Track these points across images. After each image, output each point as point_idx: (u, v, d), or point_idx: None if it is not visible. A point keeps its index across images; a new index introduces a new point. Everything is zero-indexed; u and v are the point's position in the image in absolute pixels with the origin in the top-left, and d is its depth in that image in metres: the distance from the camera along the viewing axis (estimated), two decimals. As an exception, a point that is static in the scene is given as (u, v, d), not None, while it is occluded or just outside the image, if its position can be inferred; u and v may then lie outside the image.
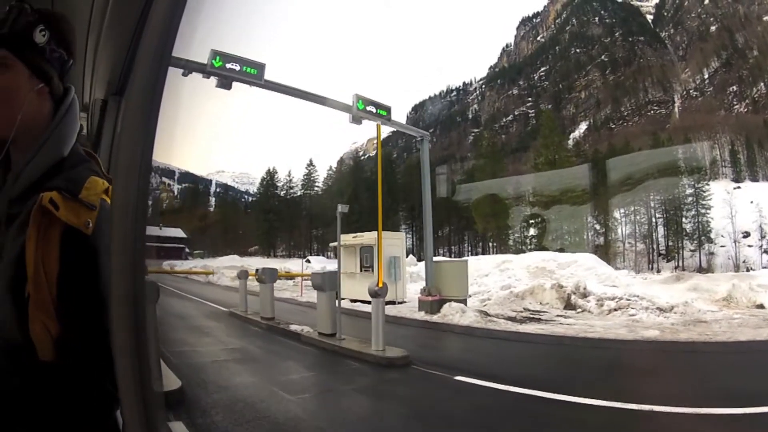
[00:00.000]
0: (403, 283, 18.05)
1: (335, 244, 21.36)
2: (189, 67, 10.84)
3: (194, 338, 10.92)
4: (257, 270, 15.15)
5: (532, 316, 14.01)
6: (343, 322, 10.24)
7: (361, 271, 18.46)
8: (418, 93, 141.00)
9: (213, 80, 11.49)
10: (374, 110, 13.31)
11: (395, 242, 18.47)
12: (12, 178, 1.31)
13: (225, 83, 11.65)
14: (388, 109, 13.66)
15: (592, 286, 16.34)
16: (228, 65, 11.57)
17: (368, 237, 18.54)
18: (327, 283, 10.68)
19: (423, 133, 15.70)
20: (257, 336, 11.64)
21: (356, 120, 13.24)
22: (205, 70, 11.28)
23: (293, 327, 11.59)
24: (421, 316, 14.08)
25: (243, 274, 16.45)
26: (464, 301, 14.52)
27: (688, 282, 19.54)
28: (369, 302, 9.39)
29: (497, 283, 19.05)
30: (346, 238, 20.12)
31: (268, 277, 13.80)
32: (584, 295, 15.69)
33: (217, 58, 11.39)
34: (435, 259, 16.14)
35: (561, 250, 40.08)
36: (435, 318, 13.51)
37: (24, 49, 1.33)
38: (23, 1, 1.36)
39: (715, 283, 18.29)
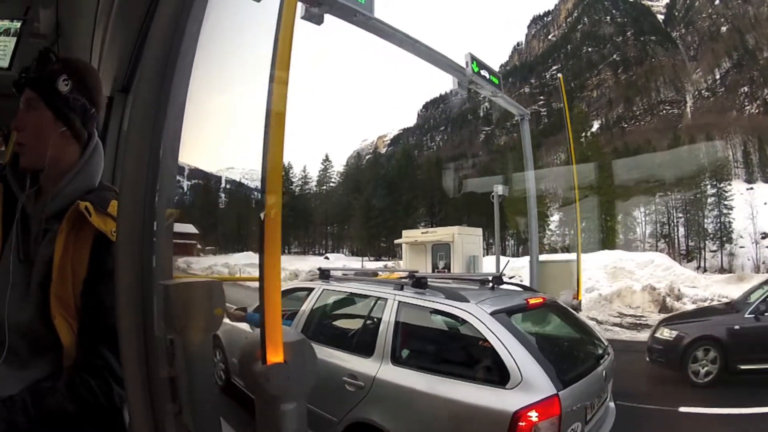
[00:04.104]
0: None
1: (403, 240, 20.24)
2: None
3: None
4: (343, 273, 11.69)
5: (637, 321, 13.29)
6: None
7: (433, 272, 17.05)
8: (430, 91, 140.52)
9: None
10: (487, 75, 11.82)
11: (473, 239, 17.22)
12: (49, 199, 1.46)
13: (316, 15, 8.16)
14: (499, 78, 12.22)
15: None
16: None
17: (443, 233, 17.20)
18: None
19: (523, 112, 13.85)
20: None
21: (463, 86, 11.33)
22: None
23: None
24: (529, 325, 12.69)
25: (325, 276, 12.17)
26: (577, 307, 13.15)
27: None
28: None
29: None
30: (413, 234, 19.04)
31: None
32: (678, 298, 15.07)
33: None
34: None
35: (566, 250, 39.42)
36: (547, 328, 12.45)
37: (49, 95, 1.47)
38: (50, 48, 1.54)
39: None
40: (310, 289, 4.79)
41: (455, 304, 3.45)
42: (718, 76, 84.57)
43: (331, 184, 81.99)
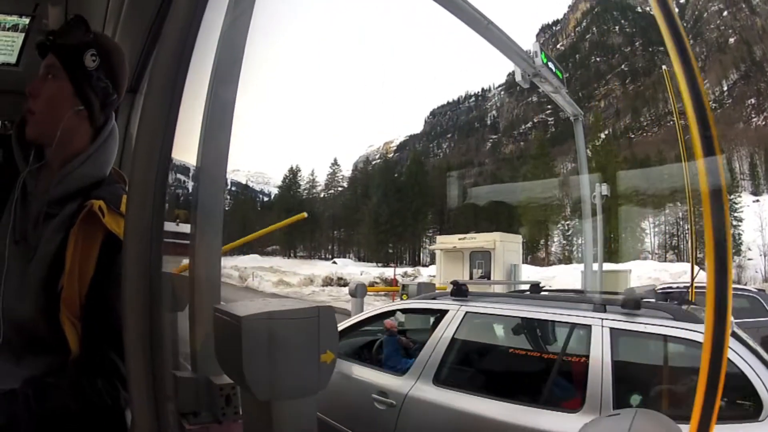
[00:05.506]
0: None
1: (437, 246, 19.88)
2: None
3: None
4: (403, 285, 9.73)
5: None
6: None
7: (470, 280, 16.60)
8: (437, 98, 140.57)
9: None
10: (553, 69, 11.13)
11: (514, 247, 16.63)
12: (54, 182, 1.36)
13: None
14: (563, 72, 11.70)
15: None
16: None
17: (483, 239, 16.61)
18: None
19: (578, 111, 13.02)
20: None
21: (526, 78, 10.69)
22: None
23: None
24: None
25: (361, 291, 9.39)
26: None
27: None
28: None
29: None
30: (450, 240, 18.59)
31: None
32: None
33: None
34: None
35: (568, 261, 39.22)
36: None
37: (74, 66, 1.37)
38: (81, 17, 1.45)
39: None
40: (439, 312, 3.74)
41: (691, 326, 2.78)
42: (725, 88, 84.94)
43: (339, 189, 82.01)
